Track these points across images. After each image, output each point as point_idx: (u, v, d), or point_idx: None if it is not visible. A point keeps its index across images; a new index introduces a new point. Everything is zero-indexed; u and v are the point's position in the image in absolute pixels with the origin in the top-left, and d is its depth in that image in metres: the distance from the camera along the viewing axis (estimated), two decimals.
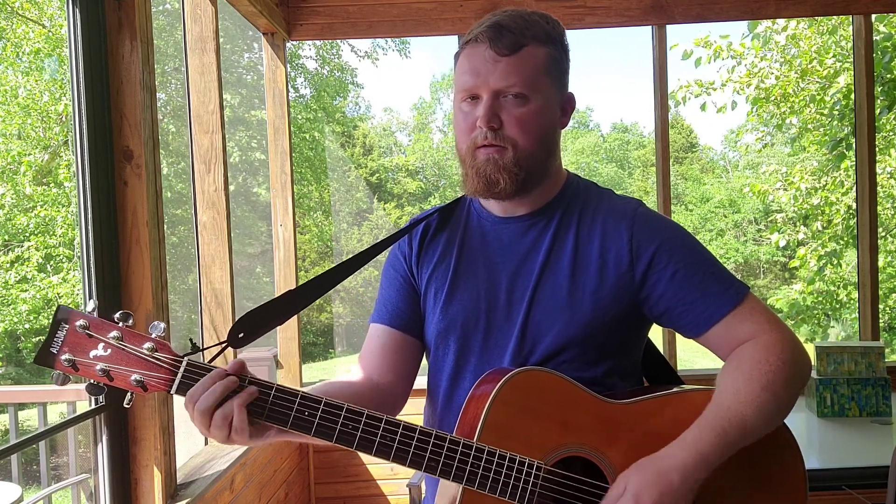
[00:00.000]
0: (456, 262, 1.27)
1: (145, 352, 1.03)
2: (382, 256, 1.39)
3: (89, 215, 1.97)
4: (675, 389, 1.20)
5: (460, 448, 1.08)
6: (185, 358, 1.05)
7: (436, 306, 1.26)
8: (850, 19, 4.00)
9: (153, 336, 1.04)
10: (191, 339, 1.11)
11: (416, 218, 1.35)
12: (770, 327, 1.15)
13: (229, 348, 1.20)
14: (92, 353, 1.02)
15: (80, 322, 1.02)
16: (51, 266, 10.65)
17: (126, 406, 1.06)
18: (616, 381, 1.21)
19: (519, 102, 1.15)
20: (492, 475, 1.08)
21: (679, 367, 3.84)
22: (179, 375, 1.03)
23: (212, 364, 1.06)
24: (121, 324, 1.03)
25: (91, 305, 1.05)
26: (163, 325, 1.04)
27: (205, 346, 1.18)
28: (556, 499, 1.12)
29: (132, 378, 1.02)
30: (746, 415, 1.08)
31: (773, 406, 1.10)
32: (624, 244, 1.19)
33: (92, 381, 1.03)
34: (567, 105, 1.24)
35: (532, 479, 1.09)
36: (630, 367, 1.26)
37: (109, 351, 1.02)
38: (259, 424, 1.06)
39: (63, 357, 1.01)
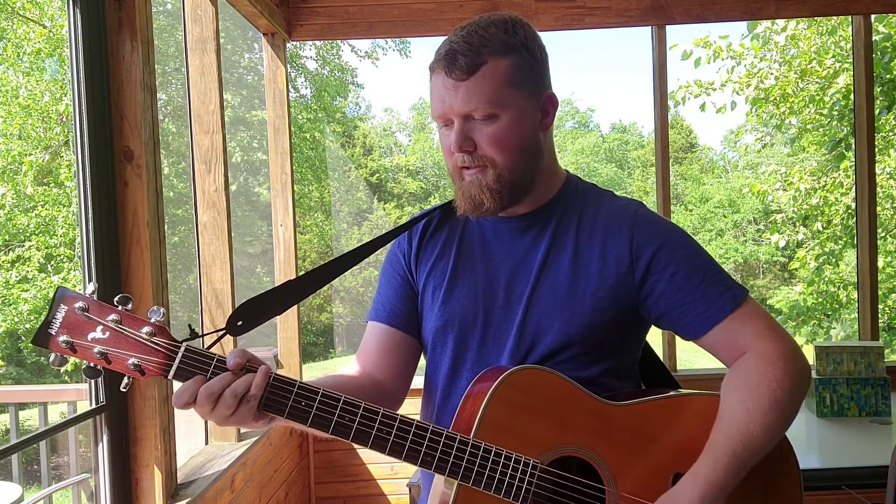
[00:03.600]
0: (455, 259, 1.27)
1: (143, 336, 1.02)
2: (382, 254, 1.39)
3: (90, 215, 1.97)
4: (672, 393, 1.20)
5: (456, 444, 1.08)
6: (184, 343, 1.04)
7: (434, 303, 1.26)
8: (850, 20, 4.00)
9: (152, 321, 1.03)
10: (190, 326, 1.10)
11: (417, 216, 1.35)
12: (770, 334, 1.15)
13: (227, 336, 1.20)
14: (90, 336, 1.01)
15: (79, 304, 1.01)
16: (51, 266, 10.66)
17: (123, 390, 1.05)
18: (614, 381, 1.22)
19: (488, 122, 1.15)
20: (487, 472, 1.08)
21: (679, 367, 3.84)
22: (177, 361, 1.03)
23: (210, 351, 1.06)
24: (120, 307, 1.03)
25: (91, 288, 1.03)
26: (162, 309, 1.03)
27: (203, 333, 1.18)
28: (551, 498, 1.12)
29: (129, 362, 1.01)
30: (756, 435, 1.09)
31: (781, 422, 1.11)
32: (625, 245, 1.19)
33: (89, 363, 1.02)
34: (548, 105, 1.21)
35: (528, 477, 1.09)
36: (628, 369, 1.26)
37: (108, 334, 1.02)
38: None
39: (61, 338, 1.00)
